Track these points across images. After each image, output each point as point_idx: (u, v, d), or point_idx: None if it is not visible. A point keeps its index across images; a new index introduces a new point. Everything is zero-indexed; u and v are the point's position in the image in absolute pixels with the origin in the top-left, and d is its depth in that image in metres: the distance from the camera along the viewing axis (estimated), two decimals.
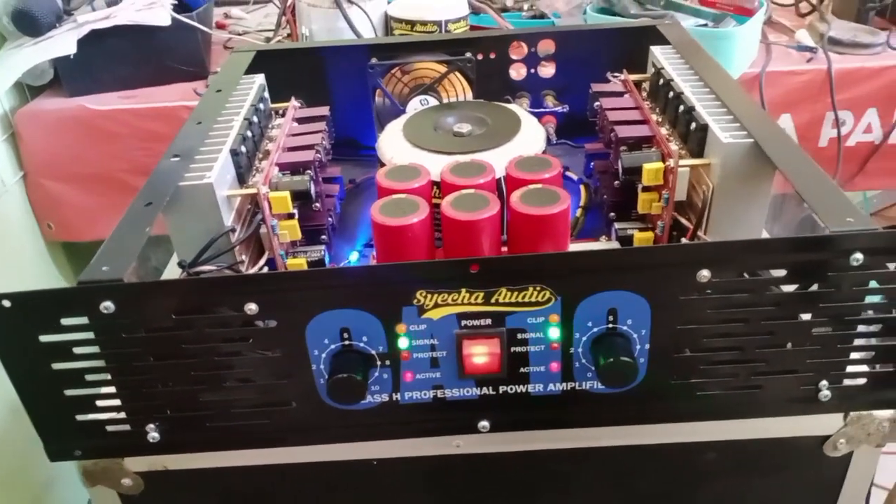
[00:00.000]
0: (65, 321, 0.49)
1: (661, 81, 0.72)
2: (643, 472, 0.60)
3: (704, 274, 0.48)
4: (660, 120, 0.70)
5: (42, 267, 1.23)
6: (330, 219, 0.71)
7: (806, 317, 0.51)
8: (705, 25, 1.14)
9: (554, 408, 0.54)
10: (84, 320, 0.49)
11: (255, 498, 0.61)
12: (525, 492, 0.61)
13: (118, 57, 1.16)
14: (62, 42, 1.11)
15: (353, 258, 0.73)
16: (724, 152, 0.59)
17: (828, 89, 1.16)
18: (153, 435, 0.53)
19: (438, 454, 0.58)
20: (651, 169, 0.62)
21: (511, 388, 0.53)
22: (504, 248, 0.61)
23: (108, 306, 0.48)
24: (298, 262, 0.66)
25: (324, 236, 0.69)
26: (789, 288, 0.50)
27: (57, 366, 0.51)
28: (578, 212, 0.75)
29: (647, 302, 0.50)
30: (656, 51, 0.77)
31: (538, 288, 0.49)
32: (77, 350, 0.50)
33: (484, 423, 0.55)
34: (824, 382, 0.53)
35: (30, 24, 1.14)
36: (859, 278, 0.49)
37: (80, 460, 0.56)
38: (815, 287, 0.49)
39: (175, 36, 1.16)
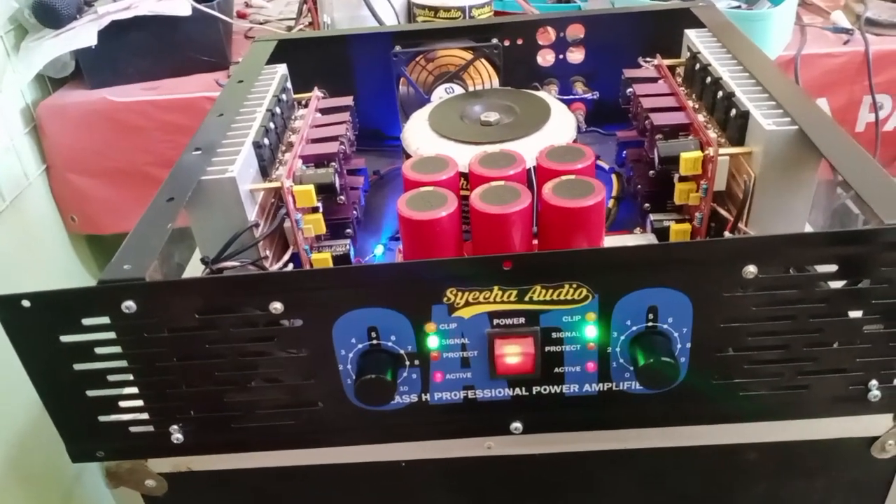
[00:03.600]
0: (86, 321, 0.48)
1: (698, 66, 0.69)
2: (681, 474, 0.58)
3: (751, 270, 0.45)
4: (696, 106, 0.67)
5: (66, 260, 1.23)
6: (355, 212, 0.69)
7: (856, 314, 0.48)
8: (739, 7, 1.11)
9: (589, 409, 0.52)
10: (105, 320, 0.47)
11: (280, 500, 0.59)
12: (558, 494, 0.59)
13: (139, 48, 1.15)
14: (83, 34, 1.10)
15: (379, 252, 0.71)
16: (767, 140, 0.56)
17: (865, 72, 1.12)
18: (177, 436, 0.52)
19: (469, 456, 0.56)
20: (689, 158, 0.60)
21: (545, 389, 0.51)
22: (534, 242, 0.59)
23: (129, 306, 0.46)
24: (323, 257, 0.65)
25: (349, 230, 0.68)
26: (837, 284, 0.48)
27: (78, 366, 0.49)
28: (611, 202, 0.72)
29: (688, 299, 0.47)
30: (691, 34, 0.74)
31: (574, 285, 0.47)
32: (99, 350, 0.49)
33: (516, 425, 0.53)
34: (874, 382, 0.50)
35: (50, 16, 1.13)
36: None
37: (103, 461, 0.55)
38: (866, 283, 0.47)
39: (196, 26, 1.15)
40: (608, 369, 0.50)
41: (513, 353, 0.50)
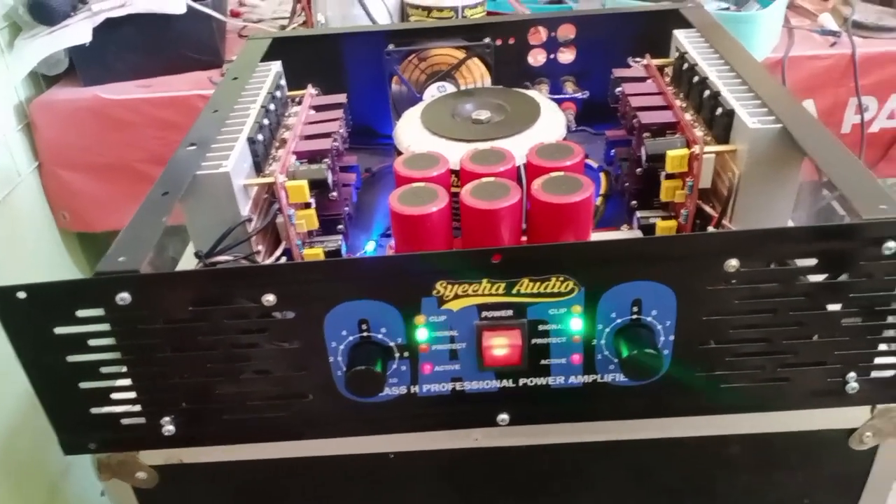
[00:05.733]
0: (80, 313, 0.48)
1: (685, 66, 0.70)
2: (665, 466, 0.59)
3: (733, 263, 0.46)
4: (684, 105, 0.68)
5: (57, 257, 1.23)
6: (347, 208, 0.70)
7: (835, 307, 0.49)
8: (727, 9, 1.12)
9: (575, 401, 0.53)
10: (100, 312, 0.48)
11: (271, 491, 0.60)
12: (544, 486, 0.60)
13: (133, 45, 1.15)
14: (77, 31, 1.11)
15: (370, 248, 0.72)
16: (752, 138, 0.57)
17: (851, 74, 1.14)
18: (168, 428, 0.53)
19: (456, 447, 0.57)
20: (675, 156, 0.61)
21: (531, 381, 0.52)
22: (524, 238, 0.60)
23: (124, 298, 0.47)
24: (315, 252, 0.65)
25: (341, 226, 0.68)
26: (817, 278, 0.49)
27: (72, 358, 0.50)
28: (599, 200, 0.73)
29: (672, 292, 0.48)
30: (680, 34, 0.75)
31: (561, 278, 0.48)
32: (92, 342, 0.50)
33: (503, 417, 0.54)
34: (852, 374, 0.52)
35: (45, 13, 1.13)
36: (891, 268, 0.47)
37: (95, 453, 0.56)
38: (845, 277, 0.48)
39: (190, 24, 1.16)
40: (593, 361, 0.51)
41: (500, 346, 0.50)
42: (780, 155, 0.57)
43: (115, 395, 0.52)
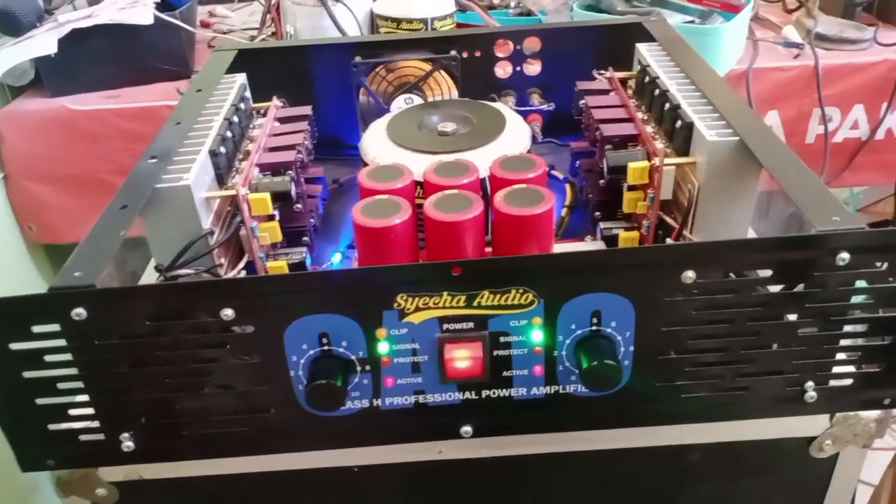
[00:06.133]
0: (36, 328, 0.47)
1: (647, 79, 0.71)
2: (628, 476, 0.60)
3: (689, 275, 0.47)
4: (645, 118, 0.69)
5: (23, 269, 1.22)
6: (312, 220, 0.69)
7: (792, 317, 0.50)
8: (692, 22, 1.13)
9: (537, 412, 0.53)
10: (56, 327, 0.47)
11: None
12: (508, 497, 0.60)
13: (100, 56, 1.14)
14: (43, 42, 1.10)
15: (336, 260, 0.72)
16: (710, 150, 0.58)
17: (815, 85, 1.16)
18: (127, 444, 0.52)
19: (420, 460, 0.57)
20: (636, 168, 0.61)
21: (494, 393, 0.52)
22: (488, 249, 0.60)
23: (79, 313, 0.47)
24: (279, 265, 0.65)
25: (305, 238, 0.68)
26: (775, 288, 0.49)
27: (28, 374, 0.49)
28: (564, 211, 0.74)
29: (631, 304, 0.49)
30: (642, 48, 0.76)
31: (521, 290, 0.48)
32: (48, 358, 0.49)
33: (466, 429, 0.54)
34: (810, 383, 0.52)
35: (10, 24, 1.12)
36: (845, 278, 0.48)
37: (54, 470, 0.55)
38: (800, 287, 0.49)
39: (158, 35, 1.15)
40: (554, 373, 0.52)
41: (462, 358, 0.50)
42: (738, 167, 0.58)
43: (73, 411, 0.51)
